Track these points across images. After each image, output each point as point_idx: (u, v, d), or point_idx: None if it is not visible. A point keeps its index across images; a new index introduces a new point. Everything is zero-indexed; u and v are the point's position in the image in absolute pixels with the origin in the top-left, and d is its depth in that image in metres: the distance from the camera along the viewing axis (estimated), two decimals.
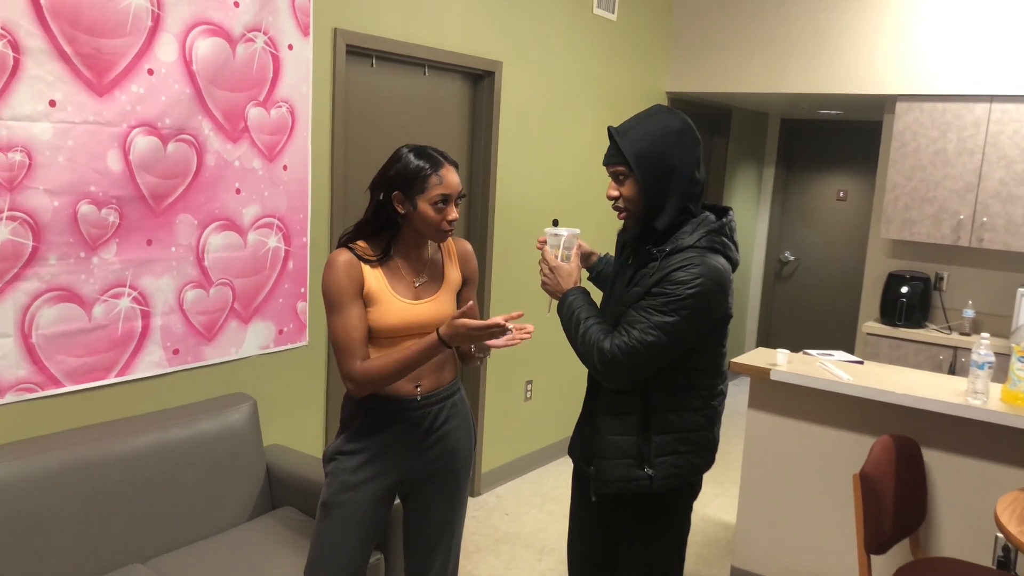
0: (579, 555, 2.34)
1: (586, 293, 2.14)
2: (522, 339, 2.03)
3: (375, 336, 2.20)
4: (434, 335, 2.07)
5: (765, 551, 3.49)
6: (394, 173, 2.15)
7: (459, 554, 2.45)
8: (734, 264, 2.04)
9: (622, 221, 2.11)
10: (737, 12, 5.22)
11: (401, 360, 2.10)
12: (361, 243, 2.21)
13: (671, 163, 1.97)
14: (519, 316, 2.04)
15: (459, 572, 2.96)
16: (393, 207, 2.16)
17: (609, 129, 2.05)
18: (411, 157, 2.15)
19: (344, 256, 2.16)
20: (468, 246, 2.40)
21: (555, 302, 2.20)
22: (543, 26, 4.33)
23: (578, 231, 2.21)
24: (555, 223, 2.25)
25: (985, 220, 4.51)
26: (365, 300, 2.18)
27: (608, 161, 2.05)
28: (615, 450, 2.06)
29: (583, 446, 2.23)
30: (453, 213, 2.16)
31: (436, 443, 2.28)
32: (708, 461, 2.14)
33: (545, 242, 2.22)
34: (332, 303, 2.15)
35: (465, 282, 2.37)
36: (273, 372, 3.19)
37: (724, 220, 2.05)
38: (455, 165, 2.20)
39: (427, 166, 2.13)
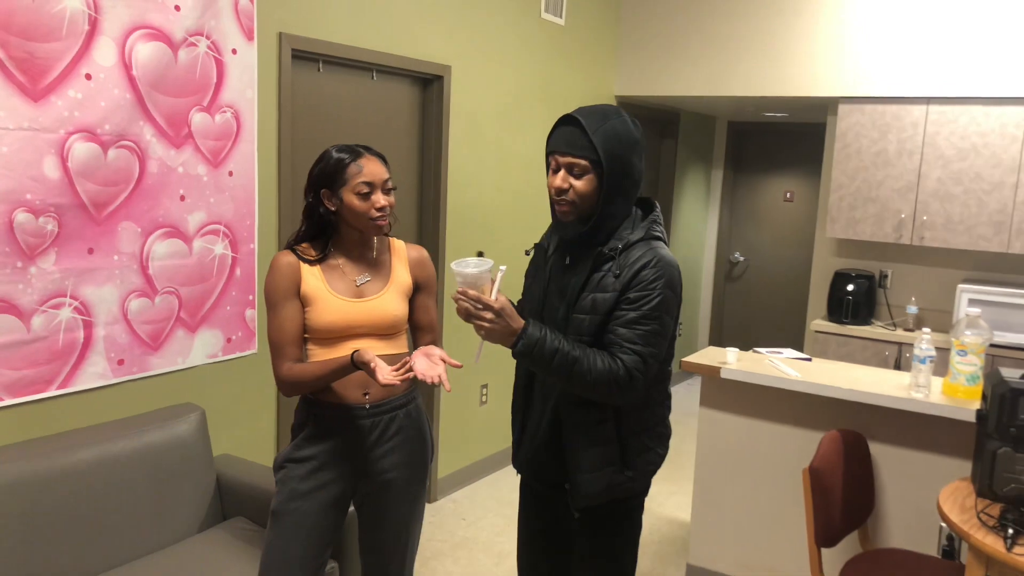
0: (531, 566, 2.31)
1: (542, 325, 1.95)
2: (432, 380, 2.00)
3: (317, 336, 2.19)
4: (348, 357, 2.07)
5: (720, 547, 3.53)
6: (318, 172, 2.19)
7: (414, 563, 2.43)
8: None
9: (561, 216, 2.03)
10: (683, 17, 5.29)
11: (319, 373, 2.13)
12: (305, 245, 2.24)
13: (631, 169, 1.98)
14: (458, 366, 2.06)
15: None
16: (324, 206, 2.18)
17: (576, 117, 1.94)
18: (332, 153, 2.18)
19: (284, 257, 2.20)
20: (423, 252, 2.39)
21: (484, 345, 2.00)
22: (491, 30, 4.34)
23: (491, 262, 1.94)
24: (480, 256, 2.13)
25: (925, 219, 4.63)
26: (303, 300, 2.19)
27: (568, 150, 1.95)
28: (597, 461, 2.03)
29: (546, 463, 2.13)
30: (381, 200, 2.17)
31: (388, 453, 2.26)
32: (667, 449, 2.18)
33: (463, 287, 1.90)
34: (268, 303, 2.19)
35: (419, 288, 2.35)
36: (222, 381, 3.13)
37: (655, 214, 2.08)
38: (379, 156, 2.22)
39: (346, 157, 2.16)
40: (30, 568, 2.33)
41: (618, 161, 1.95)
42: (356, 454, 2.23)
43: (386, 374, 1.99)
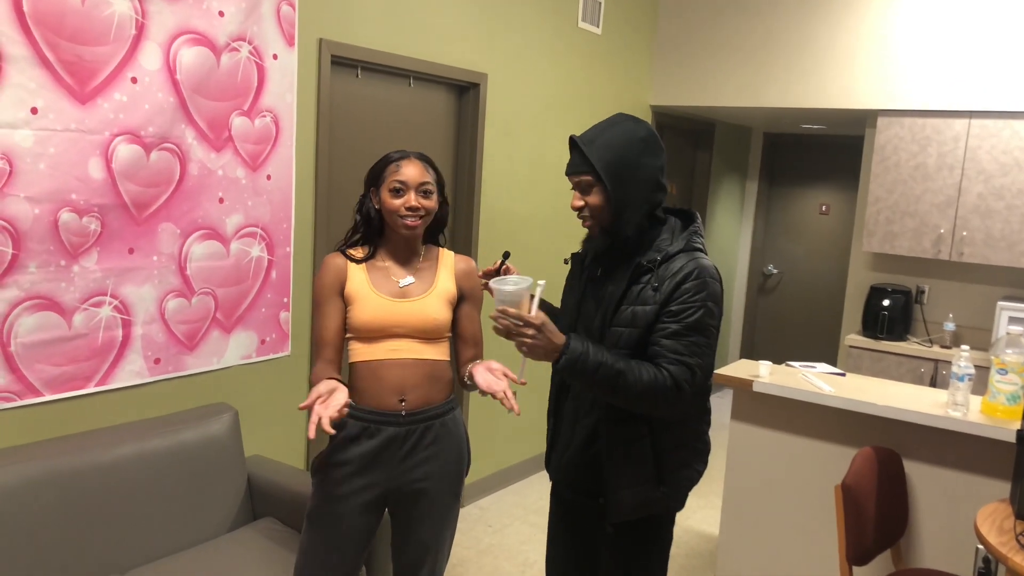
0: (560, 573, 2.31)
1: (584, 338, 1.95)
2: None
3: (358, 333, 2.23)
4: (325, 379, 2.02)
5: (748, 562, 3.49)
6: (369, 170, 2.28)
7: (444, 572, 2.43)
8: None
9: (589, 231, 2.09)
10: (721, 27, 5.27)
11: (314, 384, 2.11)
12: (355, 248, 2.31)
13: (638, 171, 1.96)
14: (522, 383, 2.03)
15: None
16: (371, 204, 2.27)
17: (572, 138, 2.02)
18: (386, 154, 2.26)
19: (333, 259, 2.27)
20: (471, 263, 2.41)
21: (526, 363, 1.97)
22: (528, 39, 4.35)
23: (530, 279, 1.96)
24: (505, 255, 2.12)
25: (965, 234, 4.55)
26: (346, 299, 2.24)
27: (572, 171, 2.02)
28: (632, 478, 2.02)
29: (580, 474, 2.13)
30: (411, 200, 2.20)
31: (423, 462, 2.26)
32: (705, 464, 2.15)
33: (503, 304, 1.90)
34: (314, 302, 2.28)
35: (464, 297, 2.36)
36: (255, 382, 3.17)
37: (696, 224, 2.05)
38: (426, 161, 2.26)
39: (391, 156, 2.24)
40: (65, 561, 2.37)
41: (618, 167, 1.95)
42: (390, 461, 2.23)
43: (312, 427, 1.85)
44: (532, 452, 4.83)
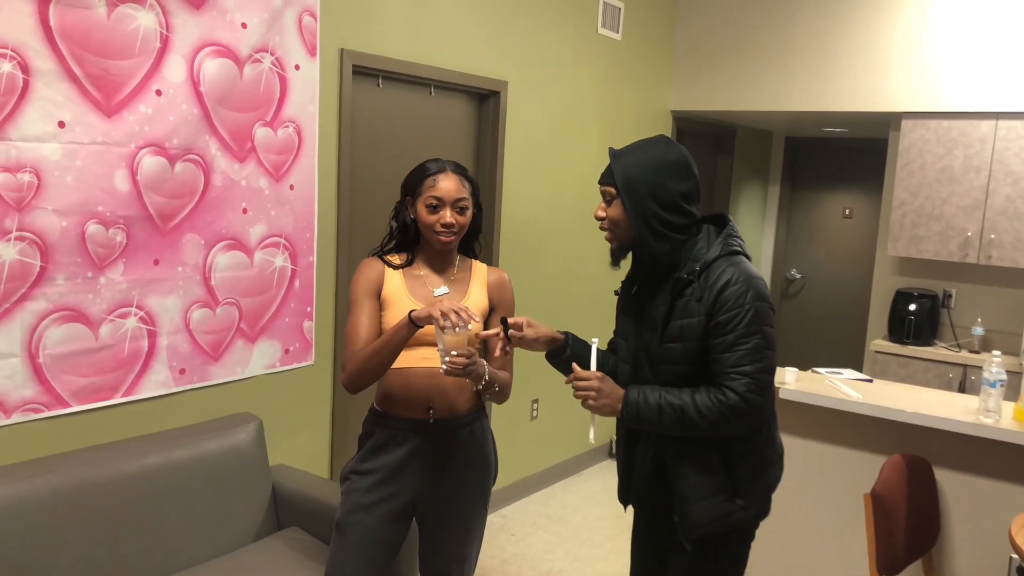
0: None
1: (637, 386, 2.00)
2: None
3: None
4: (405, 316, 2.07)
5: (775, 572, 3.45)
6: (406, 178, 2.27)
7: None
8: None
9: (609, 242, 2.10)
10: (741, 30, 5.24)
11: (377, 345, 2.11)
12: (392, 255, 2.30)
13: (658, 193, 1.96)
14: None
15: None
16: (407, 213, 2.26)
17: (610, 150, 2.06)
18: (424, 163, 2.24)
19: (371, 261, 2.27)
20: (504, 276, 2.40)
21: (595, 422, 2.04)
22: (548, 45, 4.35)
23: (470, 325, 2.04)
24: (503, 321, 2.13)
25: (993, 237, 4.49)
26: (382, 303, 2.24)
27: (602, 180, 2.06)
28: (704, 491, 1.99)
29: (654, 495, 2.13)
30: (447, 217, 2.18)
31: (451, 471, 2.26)
32: (781, 469, 2.12)
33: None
34: (349, 301, 2.25)
35: (495, 309, 2.35)
36: (279, 392, 3.17)
37: (730, 227, 2.04)
38: (463, 175, 2.24)
39: (429, 168, 2.22)
40: (92, 570, 2.38)
41: (638, 185, 1.96)
42: (419, 469, 2.23)
43: (438, 304, 1.97)
44: (555, 460, 4.81)
